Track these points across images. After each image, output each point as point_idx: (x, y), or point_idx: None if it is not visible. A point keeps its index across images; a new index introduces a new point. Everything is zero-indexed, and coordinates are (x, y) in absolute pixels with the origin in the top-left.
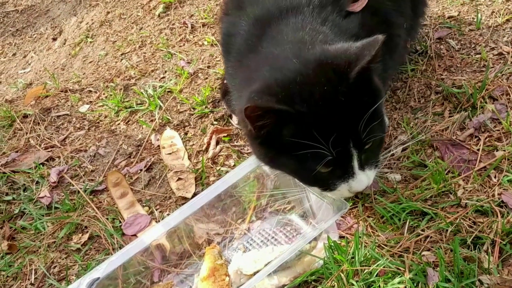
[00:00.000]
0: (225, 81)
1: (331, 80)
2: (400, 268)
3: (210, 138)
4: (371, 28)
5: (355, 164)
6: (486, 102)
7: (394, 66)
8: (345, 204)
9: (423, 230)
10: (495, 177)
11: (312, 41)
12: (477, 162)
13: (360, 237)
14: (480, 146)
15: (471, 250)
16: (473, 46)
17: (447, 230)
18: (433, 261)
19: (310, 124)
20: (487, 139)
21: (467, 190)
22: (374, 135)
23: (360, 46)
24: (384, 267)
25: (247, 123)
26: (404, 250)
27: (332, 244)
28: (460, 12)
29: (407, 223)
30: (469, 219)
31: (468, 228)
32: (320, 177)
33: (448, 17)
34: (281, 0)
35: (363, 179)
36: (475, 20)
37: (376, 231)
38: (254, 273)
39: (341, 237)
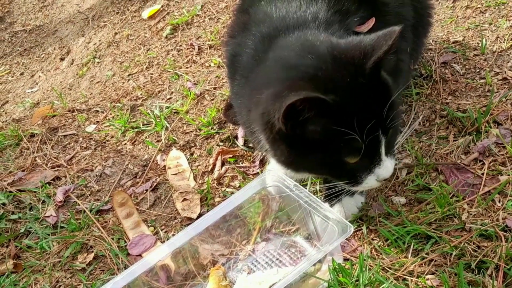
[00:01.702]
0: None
1: (350, 71)
2: None
3: (216, 159)
4: None
5: (383, 151)
6: (490, 127)
7: (398, 90)
8: (350, 226)
9: (427, 254)
10: (499, 201)
11: (321, 38)
12: (482, 186)
13: (364, 259)
14: (484, 170)
15: (475, 274)
16: (477, 71)
17: (451, 254)
18: (437, 285)
19: (345, 114)
20: (491, 164)
21: (471, 214)
22: (396, 121)
23: (375, 37)
24: None
25: (275, 124)
26: (408, 273)
27: (337, 266)
28: (465, 37)
29: (412, 246)
30: (474, 243)
31: (472, 252)
32: (349, 169)
33: (453, 42)
34: (287, 18)
35: (389, 165)
36: (479, 45)
37: (381, 254)
38: None
39: (345, 259)
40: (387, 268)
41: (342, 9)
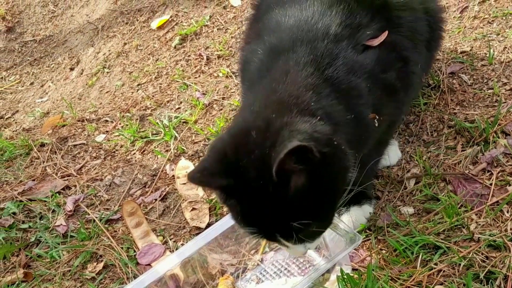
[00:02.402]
0: None
1: (265, 174)
2: None
3: None
4: (387, 65)
5: (286, 243)
6: (498, 137)
7: (408, 102)
8: (358, 236)
9: (436, 264)
10: (507, 211)
11: (292, 101)
12: (490, 196)
13: (373, 270)
14: (492, 180)
15: (484, 285)
16: (485, 81)
17: (459, 264)
18: None
19: (245, 207)
20: (499, 174)
21: (479, 224)
22: (311, 226)
23: (282, 143)
24: None
25: None
26: (417, 283)
27: (345, 276)
28: (472, 47)
29: (420, 256)
30: (482, 254)
31: (480, 262)
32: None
33: (461, 52)
34: (297, 31)
35: (299, 250)
36: (487, 55)
37: (389, 264)
38: None
39: (354, 269)
40: (395, 279)
41: (354, 22)
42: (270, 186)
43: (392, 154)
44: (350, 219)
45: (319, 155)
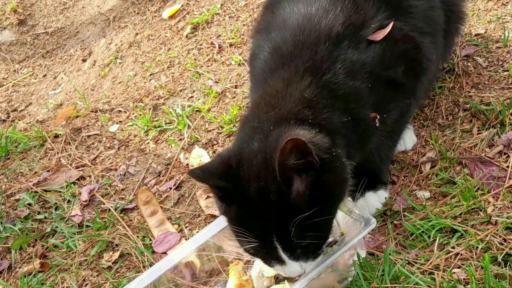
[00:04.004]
0: None
1: (267, 178)
2: (430, 285)
3: None
4: (391, 60)
5: (283, 255)
6: None
7: (423, 89)
8: (372, 220)
9: (453, 248)
10: None
11: (292, 113)
12: (507, 179)
13: (389, 254)
14: (509, 163)
15: (502, 267)
16: (500, 63)
17: (477, 247)
18: (464, 279)
19: (243, 211)
20: None
21: (497, 207)
22: (307, 238)
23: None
24: (414, 284)
25: None
26: (434, 267)
27: (362, 261)
28: (487, 29)
29: (437, 240)
30: (500, 236)
31: (498, 245)
32: (258, 254)
33: (475, 35)
34: (299, 33)
35: (295, 268)
36: (502, 37)
37: (406, 248)
38: (275, 276)
39: (370, 254)
40: (412, 263)
41: (359, 17)
42: (271, 188)
43: (408, 139)
44: (365, 204)
45: (318, 161)
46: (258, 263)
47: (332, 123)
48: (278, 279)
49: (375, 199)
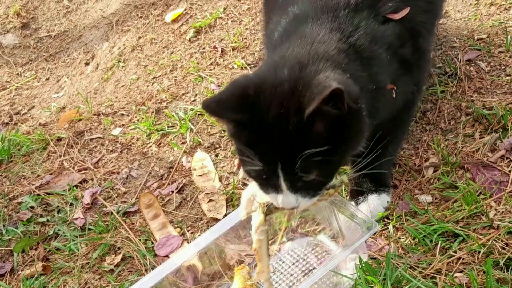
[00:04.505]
0: None
1: (291, 108)
2: None
3: None
4: (405, 40)
5: (282, 184)
6: None
7: (423, 81)
8: (375, 224)
9: (455, 252)
10: None
11: (325, 57)
12: (509, 183)
13: (391, 258)
14: (511, 167)
15: (504, 272)
16: (503, 68)
17: (479, 252)
18: (465, 283)
19: (255, 135)
20: None
21: (499, 211)
22: (312, 173)
23: (320, 87)
24: None
25: None
26: (436, 271)
27: (364, 265)
28: (489, 34)
29: (439, 244)
30: (502, 241)
31: (500, 249)
32: (257, 178)
33: (477, 39)
34: (318, 1)
35: (290, 200)
36: (504, 42)
37: (408, 252)
38: (266, 204)
39: (372, 258)
40: (414, 267)
41: None
42: (292, 119)
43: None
44: (368, 208)
45: (347, 108)
46: (252, 187)
47: (361, 79)
48: (268, 209)
49: (378, 203)
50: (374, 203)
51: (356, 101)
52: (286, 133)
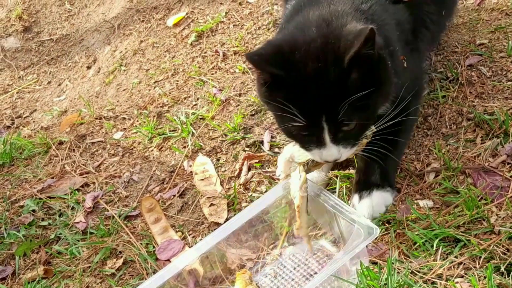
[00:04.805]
0: None
1: (328, 61)
2: None
3: (242, 164)
4: (411, 23)
5: (326, 136)
6: None
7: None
8: (375, 228)
9: (456, 257)
10: None
11: (346, 13)
12: (510, 189)
13: (392, 263)
14: None
15: (505, 277)
16: (504, 73)
17: (480, 257)
18: None
19: (295, 91)
20: None
21: (500, 217)
22: (354, 119)
23: (355, 32)
24: None
25: None
26: (437, 276)
27: (365, 269)
28: (490, 39)
29: (440, 249)
30: (503, 246)
31: (501, 255)
32: (299, 136)
33: (479, 44)
34: None
35: (333, 152)
36: (506, 47)
37: (409, 257)
38: (306, 162)
39: (373, 263)
40: (415, 272)
41: None
42: (332, 71)
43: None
44: (370, 203)
45: (377, 54)
46: (289, 149)
47: (381, 36)
48: (308, 167)
49: (381, 201)
50: (377, 200)
51: (382, 48)
52: (327, 85)
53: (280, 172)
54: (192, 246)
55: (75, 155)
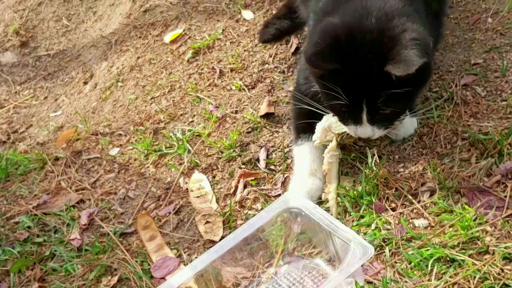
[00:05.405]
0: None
1: (378, 56)
2: None
3: (238, 182)
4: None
5: (364, 116)
6: None
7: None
8: (371, 248)
9: (451, 277)
10: None
11: (401, 11)
12: (505, 209)
13: (387, 282)
14: (507, 193)
15: None
16: (499, 93)
17: (475, 277)
18: None
19: (343, 75)
20: None
21: (494, 237)
22: (390, 107)
23: (410, 56)
24: None
25: None
26: None
27: None
28: (485, 59)
29: (435, 269)
30: (497, 266)
31: (496, 275)
32: (340, 111)
33: (474, 64)
34: None
35: (368, 130)
36: (500, 67)
37: (404, 277)
38: (341, 134)
39: (368, 282)
40: None
41: None
42: (381, 64)
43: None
44: (401, 126)
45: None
46: (329, 118)
47: (425, 30)
48: (342, 139)
49: (411, 124)
50: (408, 123)
51: (429, 52)
52: (373, 76)
53: (316, 138)
54: (187, 264)
55: (71, 171)
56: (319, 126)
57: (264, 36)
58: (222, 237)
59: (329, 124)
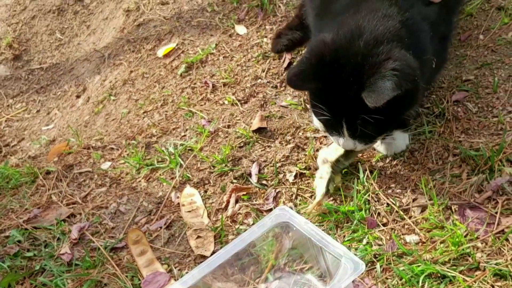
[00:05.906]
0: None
1: (358, 80)
2: None
3: (230, 196)
4: (441, 19)
5: (345, 131)
6: (503, 165)
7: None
8: (361, 264)
9: None
10: None
11: (393, 32)
12: (495, 225)
13: None
14: (498, 209)
15: None
16: (490, 109)
17: None
18: None
19: (325, 93)
20: (505, 202)
21: (485, 253)
22: (367, 129)
23: (388, 87)
24: None
25: None
26: None
27: None
28: (477, 75)
29: (426, 285)
30: (488, 283)
31: None
32: (326, 124)
33: (465, 80)
34: None
35: (349, 143)
36: (492, 83)
37: None
38: (336, 160)
39: None
40: None
41: None
42: (358, 89)
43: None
44: (392, 142)
45: (403, 90)
46: (323, 152)
47: (417, 51)
48: (338, 163)
49: (402, 140)
50: (399, 139)
51: (413, 81)
52: (351, 97)
53: (318, 165)
54: (178, 279)
55: (62, 185)
56: (319, 161)
57: (277, 46)
58: (213, 252)
59: (324, 157)
